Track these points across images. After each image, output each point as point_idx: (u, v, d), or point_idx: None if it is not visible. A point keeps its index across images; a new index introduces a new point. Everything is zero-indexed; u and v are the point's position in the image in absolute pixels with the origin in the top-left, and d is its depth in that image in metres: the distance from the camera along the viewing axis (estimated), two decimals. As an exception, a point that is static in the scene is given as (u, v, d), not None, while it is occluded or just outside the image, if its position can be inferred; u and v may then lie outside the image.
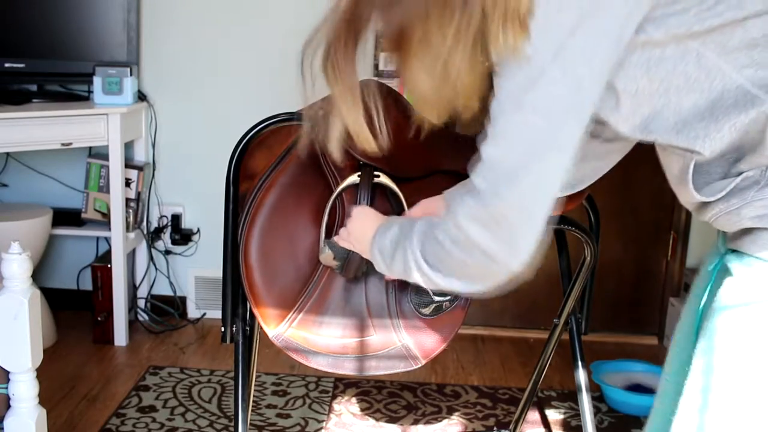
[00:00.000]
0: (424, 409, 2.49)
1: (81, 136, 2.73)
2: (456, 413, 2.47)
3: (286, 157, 1.39)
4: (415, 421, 2.41)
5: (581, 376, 1.83)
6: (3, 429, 1.52)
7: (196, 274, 3.14)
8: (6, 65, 2.79)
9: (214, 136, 2.97)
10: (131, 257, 3.04)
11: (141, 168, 2.97)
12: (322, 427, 2.35)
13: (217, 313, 1.74)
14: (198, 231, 3.14)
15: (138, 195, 2.97)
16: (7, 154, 2.98)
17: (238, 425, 1.48)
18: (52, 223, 2.81)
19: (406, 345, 1.39)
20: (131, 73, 2.78)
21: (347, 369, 1.39)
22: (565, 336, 1.84)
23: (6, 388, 1.52)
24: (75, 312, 3.05)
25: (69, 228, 2.92)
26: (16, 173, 3.06)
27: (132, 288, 3.05)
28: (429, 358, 1.40)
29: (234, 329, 1.47)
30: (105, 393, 2.51)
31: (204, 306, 3.16)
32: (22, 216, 2.73)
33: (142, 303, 3.10)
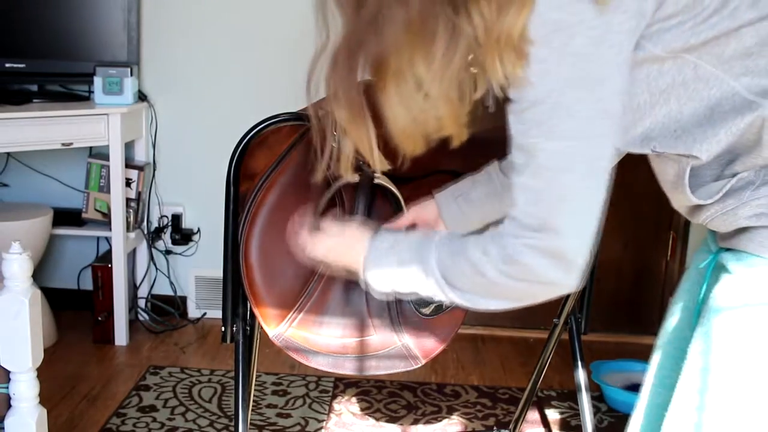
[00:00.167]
0: (424, 409, 2.49)
1: (81, 136, 2.74)
2: (456, 413, 2.47)
3: (286, 157, 1.39)
4: (415, 421, 2.42)
5: (581, 376, 1.83)
6: (3, 429, 1.52)
7: (196, 273, 3.15)
8: (6, 65, 2.79)
9: (214, 136, 2.98)
10: (132, 257, 3.04)
11: (141, 168, 2.97)
12: (322, 427, 2.35)
13: (218, 313, 1.74)
14: (198, 231, 3.14)
15: (138, 195, 2.97)
16: (8, 154, 2.98)
17: (238, 425, 1.48)
18: (52, 223, 2.81)
19: (406, 345, 1.39)
20: (132, 73, 2.78)
21: (347, 369, 1.39)
22: (565, 336, 1.85)
23: (6, 387, 1.52)
24: (75, 312, 3.05)
25: (69, 228, 2.92)
26: (16, 173, 3.06)
27: (132, 288, 3.05)
28: (429, 357, 1.40)
29: (234, 329, 1.48)
30: (105, 393, 2.52)
31: (204, 306, 3.16)
32: (22, 216, 2.73)
33: (142, 303, 3.10)
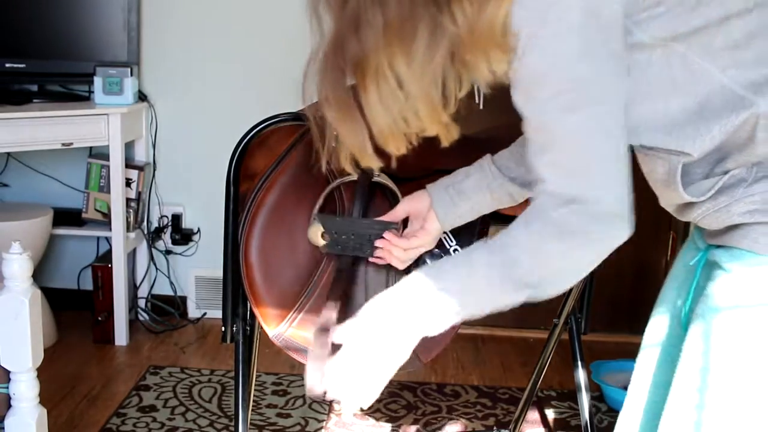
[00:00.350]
0: (423, 409, 2.49)
1: (81, 136, 2.74)
2: (456, 413, 2.47)
3: (286, 157, 1.39)
4: (415, 421, 2.42)
5: (581, 375, 1.83)
6: (4, 428, 1.53)
7: (196, 273, 3.15)
8: (7, 65, 2.79)
9: (214, 136, 2.97)
10: (132, 257, 3.04)
11: (141, 168, 2.97)
12: (322, 427, 2.35)
13: (218, 313, 1.74)
14: (198, 231, 3.14)
15: (138, 195, 2.97)
16: (8, 154, 2.98)
17: (238, 425, 1.48)
18: (52, 223, 2.81)
19: (406, 345, 1.39)
20: (132, 74, 2.78)
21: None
22: (565, 336, 1.85)
23: (7, 387, 1.52)
24: (75, 312, 3.05)
25: (69, 228, 2.92)
26: (16, 173, 3.06)
27: (132, 288, 3.05)
28: (429, 357, 1.40)
29: (234, 329, 1.48)
30: (105, 393, 2.52)
31: (204, 306, 3.16)
32: (22, 216, 2.73)
33: (142, 303, 3.10)
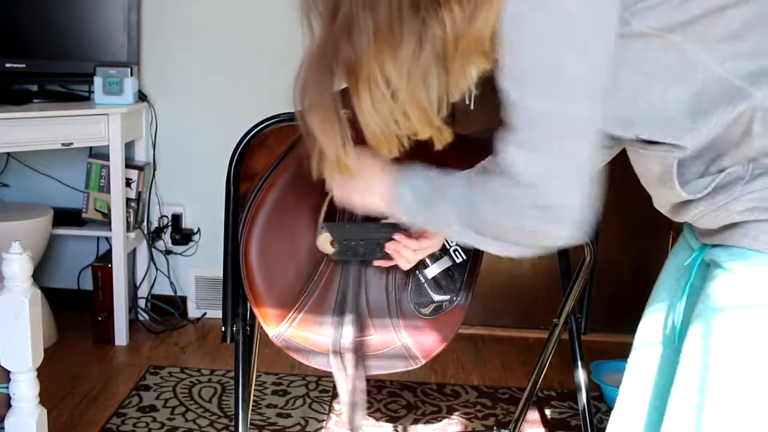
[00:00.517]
0: (424, 409, 2.49)
1: (81, 136, 2.74)
2: (456, 413, 2.47)
3: (286, 157, 1.39)
4: (415, 421, 2.42)
5: (581, 375, 1.83)
6: (4, 428, 1.53)
7: (196, 273, 3.15)
8: (7, 65, 2.79)
9: (214, 136, 2.97)
10: (132, 257, 3.04)
11: (141, 168, 2.97)
12: (322, 427, 2.35)
13: (218, 313, 1.74)
14: (198, 231, 3.14)
15: (138, 195, 2.97)
16: (8, 154, 2.98)
17: (238, 425, 1.48)
18: (52, 223, 2.81)
19: (406, 345, 1.39)
20: (132, 74, 2.78)
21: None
22: (565, 336, 1.85)
23: (7, 387, 1.52)
24: (75, 312, 3.05)
25: (69, 228, 2.92)
26: (16, 173, 3.06)
27: (132, 288, 3.05)
28: (429, 357, 1.40)
29: (234, 329, 1.48)
30: (105, 393, 2.52)
31: (204, 306, 3.16)
32: (22, 216, 2.73)
33: (142, 303, 3.10)
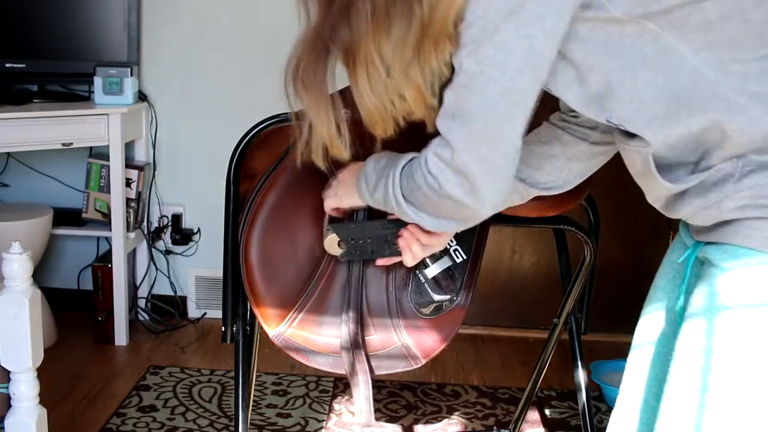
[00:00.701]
0: (424, 409, 2.49)
1: (81, 136, 2.74)
2: (456, 413, 2.47)
3: (286, 157, 1.39)
4: (415, 421, 2.42)
5: (581, 375, 1.83)
6: (4, 428, 1.53)
7: (196, 273, 3.15)
8: (7, 65, 2.79)
9: (214, 136, 2.97)
10: (132, 257, 3.04)
11: (141, 168, 2.97)
12: (322, 427, 2.35)
13: (218, 313, 1.74)
14: (198, 231, 3.14)
15: (138, 195, 2.97)
16: (8, 154, 2.98)
17: (238, 425, 1.48)
18: (52, 223, 2.81)
19: (406, 345, 1.39)
20: (132, 74, 2.78)
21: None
22: (565, 336, 1.85)
23: (7, 387, 1.52)
24: (75, 312, 3.05)
25: (69, 228, 2.92)
26: (16, 173, 3.06)
27: (132, 288, 3.05)
28: (429, 357, 1.40)
29: (234, 329, 1.48)
30: (105, 393, 2.52)
31: (204, 306, 3.16)
32: (22, 216, 2.73)
33: (142, 303, 3.10)
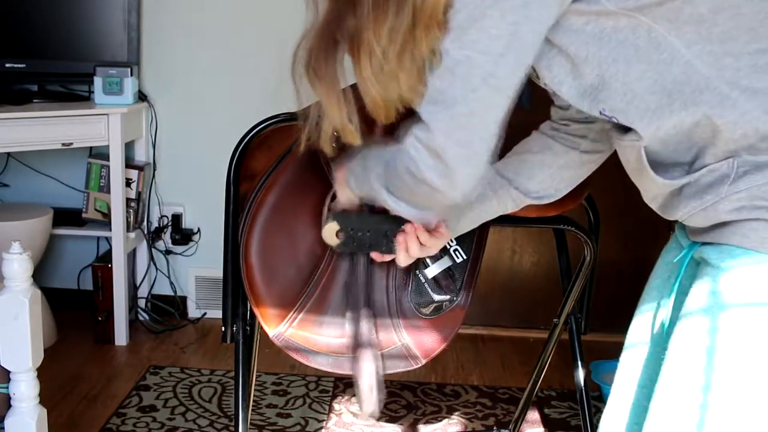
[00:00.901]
0: (424, 409, 2.49)
1: (81, 136, 2.74)
2: (456, 413, 2.47)
3: (286, 157, 1.39)
4: (415, 421, 2.42)
5: (581, 375, 1.83)
6: (4, 428, 1.53)
7: (196, 273, 3.15)
8: (7, 65, 2.79)
9: (214, 136, 2.97)
10: (132, 257, 3.04)
11: (141, 168, 2.97)
12: (322, 427, 2.35)
13: (218, 313, 1.74)
14: (198, 231, 3.14)
15: (138, 195, 2.97)
16: (8, 154, 2.98)
17: (238, 425, 1.48)
18: (52, 223, 2.81)
19: (406, 344, 1.39)
20: (132, 74, 2.78)
21: (347, 369, 1.39)
22: (565, 336, 1.85)
23: (7, 387, 1.52)
24: (75, 312, 3.05)
25: (69, 228, 2.92)
26: (16, 173, 3.06)
27: (132, 288, 3.05)
28: (429, 357, 1.40)
29: (234, 329, 1.48)
30: (105, 393, 2.52)
31: (204, 306, 3.16)
32: (22, 216, 2.73)
33: (142, 303, 3.10)
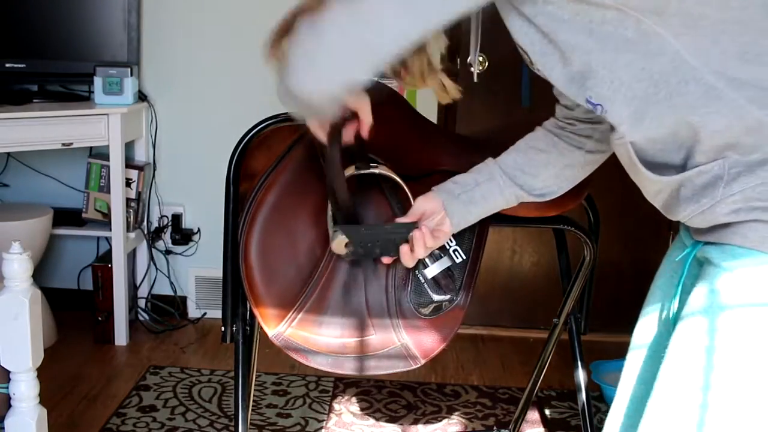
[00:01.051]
0: (424, 409, 2.49)
1: (82, 136, 2.74)
2: (456, 413, 2.47)
3: (286, 157, 1.39)
4: (415, 421, 2.42)
5: (581, 375, 1.83)
6: (4, 428, 1.53)
7: (196, 273, 3.15)
8: (7, 65, 2.79)
9: (214, 135, 2.98)
10: (132, 257, 3.04)
11: (141, 168, 2.97)
12: (322, 427, 2.35)
13: (218, 313, 1.74)
14: (198, 231, 3.14)
15: (138, 195, 2.97)
16: (8, 154, 2.98)
17: (238, 425, 1.48)
18: (52, 223, 2.81)
19: (405, 344, 1.39)
20: (132, 74, 2.78)
21: (347, 369, 1.39)
22: (565, 336, 1.85)
23: (7, 387, 1.52)
24: (75, 312, 3.06)
25: (69, 228, 2.92)
26: (16, 173, 3.06)
27: (132, 288, 3.05)
28: (428, 357, 1.40)
29: (234, 329, 1.48)
30: (105, 393, 2.52)
31: (204, 306, 3.16)
32: (22, 216, 2.73)
33: (142, 303, 3.10)
